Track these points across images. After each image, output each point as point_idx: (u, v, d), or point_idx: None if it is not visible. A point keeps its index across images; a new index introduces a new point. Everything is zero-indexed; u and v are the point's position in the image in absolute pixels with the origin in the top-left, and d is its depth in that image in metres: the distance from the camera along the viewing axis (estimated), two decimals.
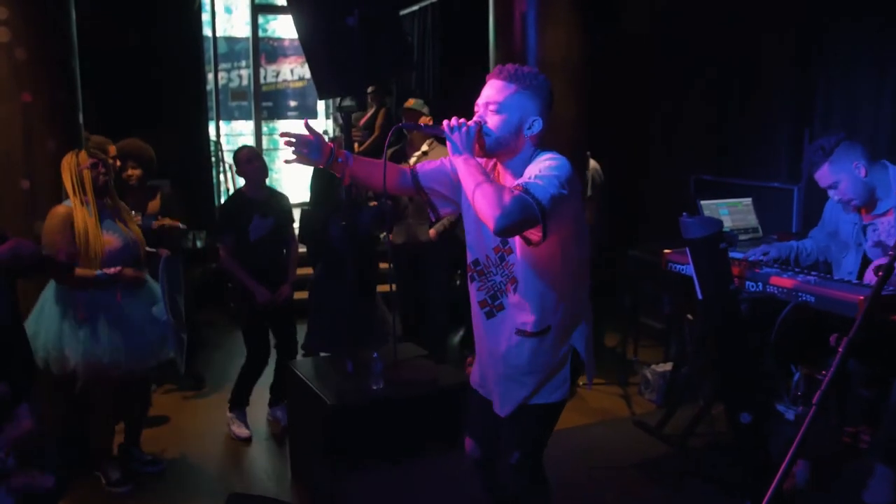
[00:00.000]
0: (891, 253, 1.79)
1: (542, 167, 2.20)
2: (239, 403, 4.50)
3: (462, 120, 2.26)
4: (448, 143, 2.27)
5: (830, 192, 3.23)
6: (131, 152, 4.66)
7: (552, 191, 2.13)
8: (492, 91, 2.30)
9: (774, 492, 1.38)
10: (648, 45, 6.25)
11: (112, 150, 4.61)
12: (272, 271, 4.37)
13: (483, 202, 2.10)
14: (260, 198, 4.38)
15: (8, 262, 2.84)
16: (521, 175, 2.25)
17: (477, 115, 2.33)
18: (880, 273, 1.45)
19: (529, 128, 2.29)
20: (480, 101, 2.33)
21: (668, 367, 4.91)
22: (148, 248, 3.83)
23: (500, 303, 2.43)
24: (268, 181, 4.52)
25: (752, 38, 5.36)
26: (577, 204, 2.31)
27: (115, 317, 3.58)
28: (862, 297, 2.71)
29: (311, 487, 3.82)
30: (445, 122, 2.27)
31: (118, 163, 4.52)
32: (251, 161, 4.36)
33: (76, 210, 3.53)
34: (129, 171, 4.60)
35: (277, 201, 4.47)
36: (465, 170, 2.20)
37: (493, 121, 2.29)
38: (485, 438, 2.65)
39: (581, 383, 2.71)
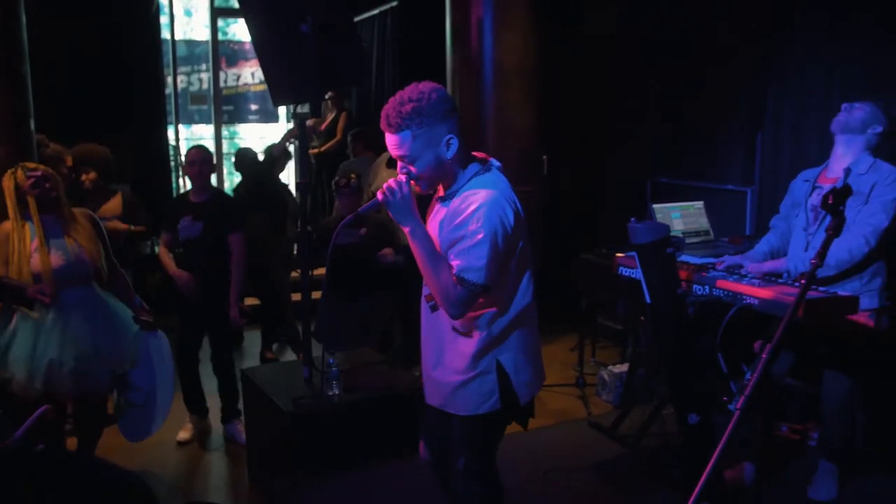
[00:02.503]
0: (813, 262, 1.86)
1: (470, 228, 2.23)
2: (187, 406, 4.51)
3: (391, 184, 2.28)
4: (389, 210, 2.31)
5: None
6: (83, 157, 4.65)
7: (483, 261, 2.23)
8: (394, 146, 2.29)
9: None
10: (608, 48, 6.33)
11: (69, 160, 4.56)
12: (203, 276, 4.28)
13: (435, 291, 2.32)
14: (199, 200, 4.32)
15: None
16: (458, 194, 2.32)
17: (400, 166, 2.34)
18: (802, 280, 1.50)
19: (448, 149, 2.28)
20: (392, 153, 2.32)
21: (624, 368, 4.97)
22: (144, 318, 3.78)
23: None
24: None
25: (708, 42, 5.46)
26: (517, 234, 2.32)
27: (58, 332, 3.49)
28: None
29: (268, 494, 3.82)
30: (379, 193, 2.31)
31: (73, 175, 4.50)
32: (192, 164, 4.29)
33: (13, 231, 3.44)
34: (84, 177, 4.58)
35: (218, 207, 4.33)
36: (413, 245, 2.32)
37: (414, 168, 2.30)
38: (432, 441, 2.69)
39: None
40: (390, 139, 2.28)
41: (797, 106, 4.81)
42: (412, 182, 2.32)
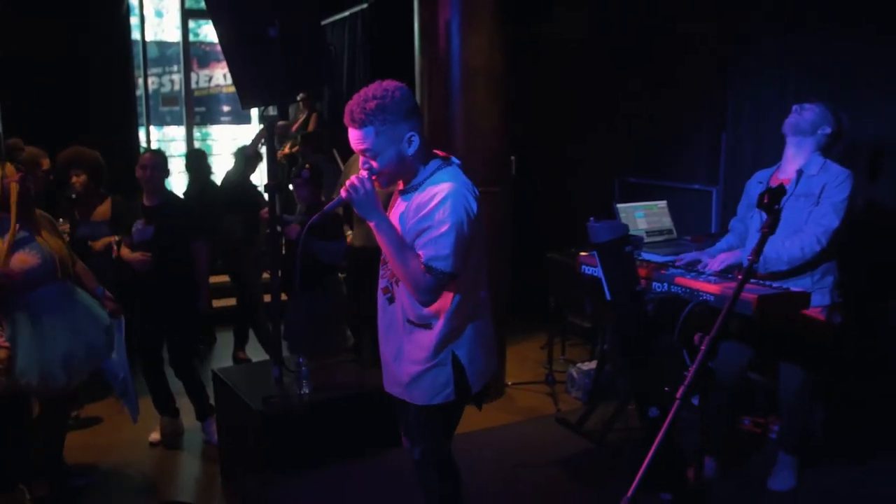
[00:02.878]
0: (749, 258, 1.94)
1: (436, 218, 2.31)
2: (156, 407, 4.52)
3: (353, 181, 2.34)
4: (353, 206, 2.36)
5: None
6: (73, 160, 4.64)
7: (449, 249, 2.30)
8: (357, 140, 2.34)
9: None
10: (576, 51, 6.41)
11: (45, 163, 4.57)
12: (158, 280, 4.30)
13: (404, 280, 2.38)
14: (150, 204, 4.35)
15: None
16: (421, 188, 2.38)
17: (362, 161, 2.40)
18: (739, 276, 1.58)
19: (410, 146, 2.36)
20: (355, 148, 2.37)
21: (592, 365, 5.06)
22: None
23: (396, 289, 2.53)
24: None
25: (673, 45, 5.55)
26: (479, 222, 2.40)
27: (40, 331, 3.52)
28: (756, 296, 2.87)
29: (240, 494, 3.85)
30: (343, 190, 2.36)
31: (51, 176, 4.50)
32: (143, 168, 4.32)
33: None
34: (74, 179, 4.58)
35: (171, 213, 4.34)
36: (380, 238, 2.37)
37: (376, 164, 2.36)
38: (409, 432, 2.75)
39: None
40: (353, 134, 2.34)
41: (755, 107, 4.92)
42: (373, 178, 2.38)
